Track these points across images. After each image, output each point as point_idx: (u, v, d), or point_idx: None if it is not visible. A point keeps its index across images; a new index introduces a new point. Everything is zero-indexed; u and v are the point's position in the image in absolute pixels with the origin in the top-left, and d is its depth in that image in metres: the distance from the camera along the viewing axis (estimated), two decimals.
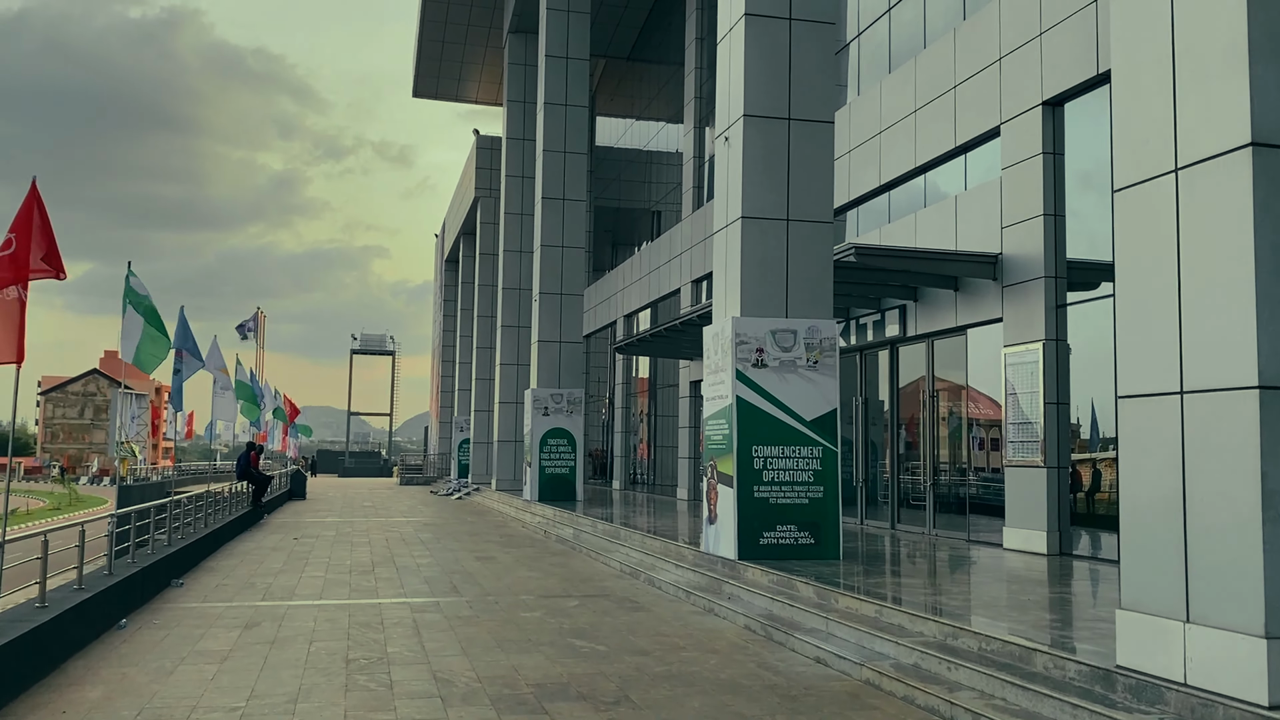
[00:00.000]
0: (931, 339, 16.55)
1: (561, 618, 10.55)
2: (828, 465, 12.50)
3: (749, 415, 12.31)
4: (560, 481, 25.75)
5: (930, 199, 16.84)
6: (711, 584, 11.94)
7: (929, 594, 9.51)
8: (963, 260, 14.62)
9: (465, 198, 45.45)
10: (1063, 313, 13.58)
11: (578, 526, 19.77)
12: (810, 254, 12.84)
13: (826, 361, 12.64)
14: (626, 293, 33.71)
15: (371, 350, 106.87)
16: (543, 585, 13.15)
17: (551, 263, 26.58)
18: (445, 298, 55.42)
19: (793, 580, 10.56)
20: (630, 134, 37.04)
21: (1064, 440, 13.46)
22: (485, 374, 38.48)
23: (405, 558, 16.28)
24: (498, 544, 18.87)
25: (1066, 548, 13.30)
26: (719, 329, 12.86)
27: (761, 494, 12.30)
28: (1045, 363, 13.47)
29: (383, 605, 11.32)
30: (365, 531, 21.39)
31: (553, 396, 26.02)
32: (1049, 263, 13.59)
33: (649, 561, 14.46)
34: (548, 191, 26.71)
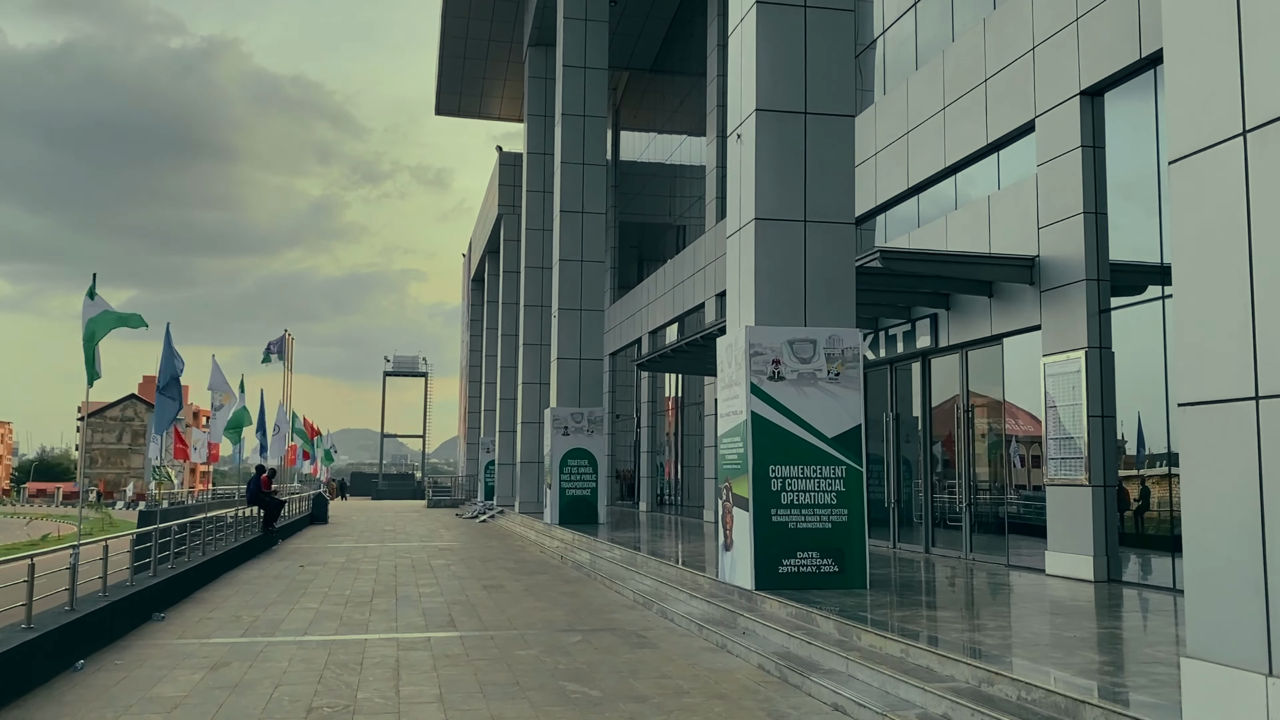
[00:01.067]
0: (965, 350, 15.53)
1: (559, 656, 9.65)
2: (852, 486, 11.53)
3: (765, 432, 11.39)
4: (581, 504, 24.87)
5: (961, 201, 15.85)
6: (726, 617, 10.99)
7: (963, 629, 8.52)
8: (997, 263, 13.62)
9: (490, 215, 44.89)
10: (1106, 318, 12.54)
11: (595, 552, 18.87)
12: (830, 257, 11.92)
13: (849, 373, 11.69)
14: (651, 309, 32.88)
15: (404, 372, 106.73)
16: (547, 618, 12.26)
17: (570, 277, 25.80)
18: (472, 317, 54.85)
19: (812, 614, 9.60)
20: (655, 148, 36.30)
21: (1110, 457, 12.40)
22: (509, 394, 37.72)
23: (409, 587, 15.45)
24: (510, 571, 18.00)
25: (1114, 574, 12.22)
26: (732, 339, 11.96)
27: (780, 518, 11.35)
28: (1088, 373, 12.43)
29: (369, 642, 10.48)
30: (376, 558, 20.61)
31: (573, 416, 25.18)
32: (1090, 264, 12.57)
33: (663, 591, 13.53)
34: (566, 204, 25.95)
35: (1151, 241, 11.96)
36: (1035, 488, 14.02)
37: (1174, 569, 11.36)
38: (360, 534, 28.97)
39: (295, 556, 20.98)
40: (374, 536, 27.81)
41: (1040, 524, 13.71)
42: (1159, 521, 11.87)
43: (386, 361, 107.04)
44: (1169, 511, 11.60)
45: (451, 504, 51.39)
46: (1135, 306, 12.22)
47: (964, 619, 9.19)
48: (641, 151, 38.01)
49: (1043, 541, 13.48)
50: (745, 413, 11.42)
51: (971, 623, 8.93)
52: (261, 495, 23.20)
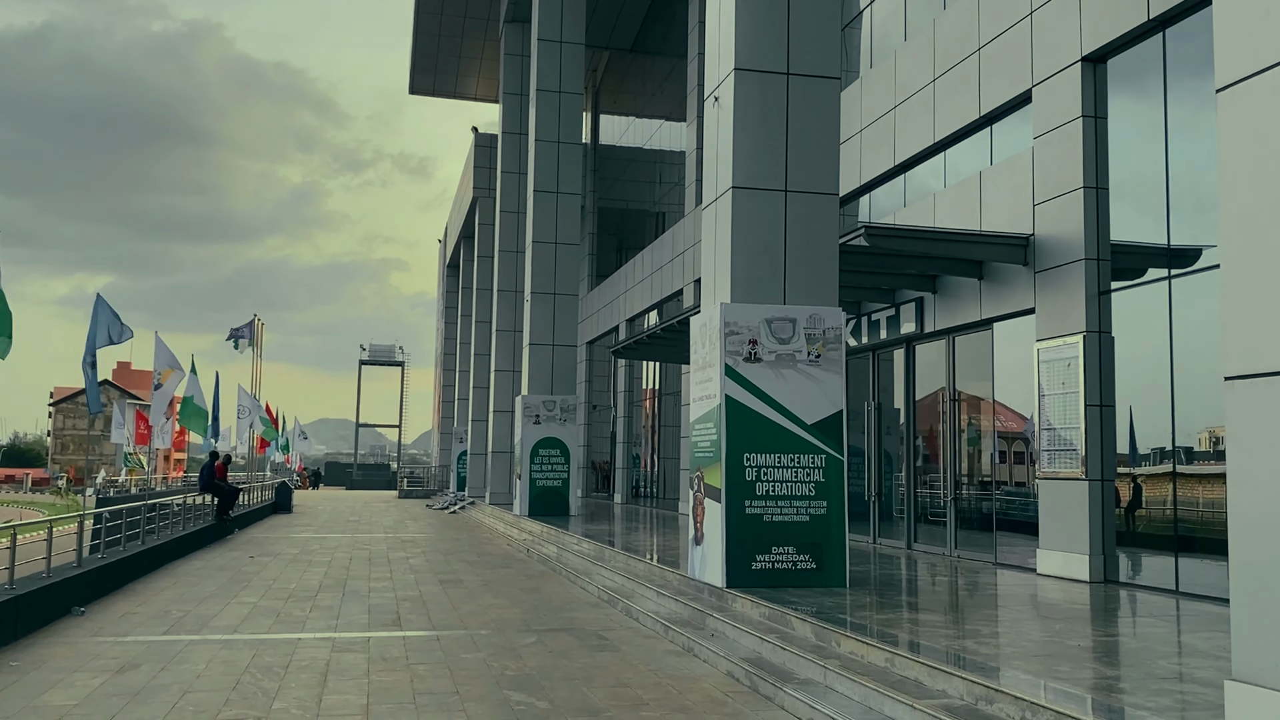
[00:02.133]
0: (952, 335, 14.70)
1: (509, 660, 8.76)
2: (832, 476, 10.68)
3: (740, 417, 10.52)
4: (552, 494, 23.95)
5: (950, 179, 15.01)
6: (694, 617, 10.12)
7: (953, 636, 7.67)
8: (989, 242, 12.78)
9: (465, 199, 43.81)
10: (1106, 301, 11.73)
11: (562, 545, 17.97)
12: (812, 231, 11.04)
13: (831, 355, 10.83)
14: (629, 295, 31.97)
15: (381, 361, 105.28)
16: (503, 616, 11.36)
17: (544, 260, 24.85)
18: (447, 304, 53.76)
19: (787, 615, 8.74)
20: (635, 132, 35.35)
21: (1108, 449, 11.59)
22: (483, 382, 36.72)
23: (360, 581, 14.51)
24: (471, 565, 17.08)
25: (1111, 574, 11.42)
26: (706, 318, 11.08)
27: (754, 510, 10.48)
28: (1086, 359, 11.62)
29: (301, 643, 9.55)
30: (333, 549, 19.65)
31: (545, 404, 24.26)
32: (1090, 243, 11.75)
33: (630, 588, 12.65)
34: (540, 184, 24.98)
35: (1154, 222, 11.15)
36: (1025, 482, 13.23)
37: (1176, 570, 10.56)
38: (323, 524, 27.97)
39: (249, 547, 19.99)
40: (337, 527, 26.83)
41: (1029, 520, 12.92)
42: (1159, 520, 11.07)
43: (363, 350, 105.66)
44: (1170, 509, 10.80)
45: (424, 495, 50.37)
46: (1137, 288, 11.41)
47: (954, 623, 8.35)
48: (621, 135, 37.06)
49: (1032, 539, 12.69)
50: (719, 396, 10.54)
51: (962, 628, 8.08)
52: (215, 482, 22.16)
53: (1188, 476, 10.60)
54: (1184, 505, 10.68)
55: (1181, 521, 10.60)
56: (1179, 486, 10.67)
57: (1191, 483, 10.57)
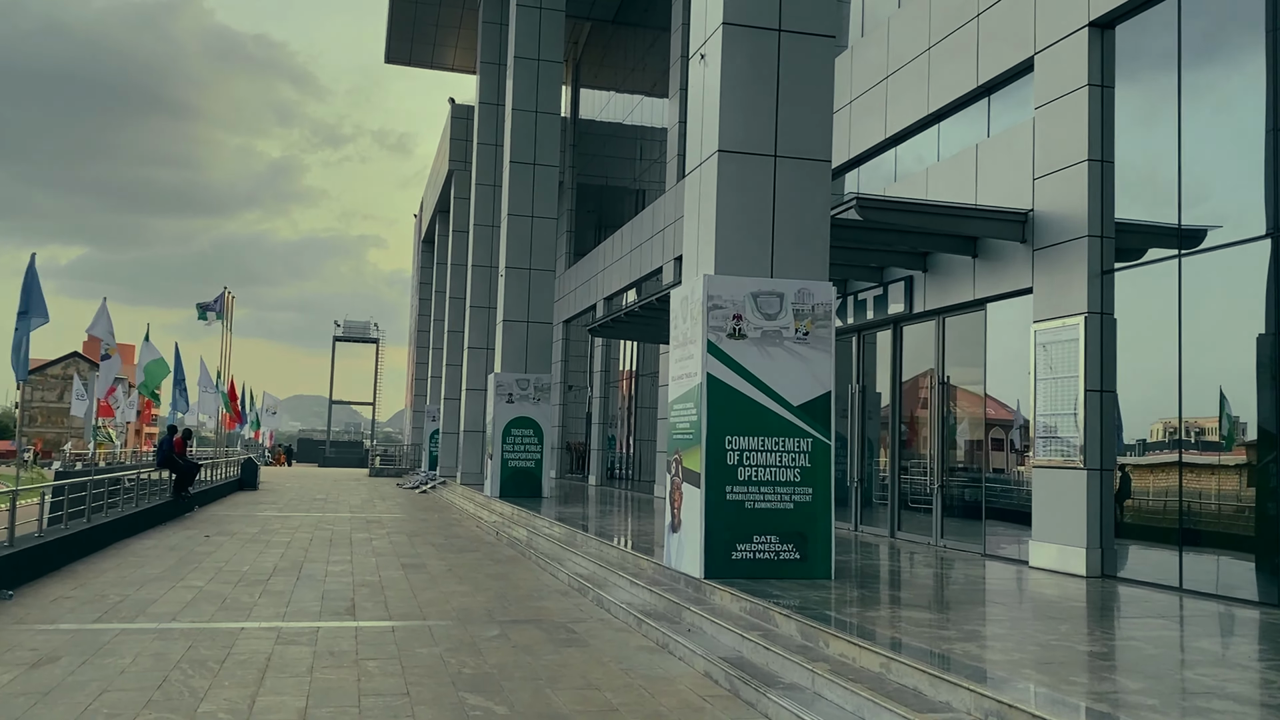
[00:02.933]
0: (943, 316, 14.07)
1: (468, 656, 8.06)
2: (818, 461, 10.02)
3: (722, 397, 9.83)
4: (524, 476, 23.24)
5: (944, 153, 14.35)
6: (670, 609, 9.45)
7: (953, 637, 7.03)
8: (987, 217, 12.12)
9: (440, 172, 42.82)
10: (1110, 280, 11.10)
11: (533, 528, 17.28)
12: (803, 199, 10.34)
13: (820, 333, 10.15)
14: (607, 273, 31.22)
15: (355, 338, 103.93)
16: (466, 605, 10.66)
17: (519, 234, 24.04)
18: (421, 280, 52.76)
19: (770, 611, 8.08)
20: (617, 107, 34.49)
21: (1109, 436, 10.99)
22: (456, 360, 35.88)
23: (318, 564, 13.77)
24: (437, 548, 16.36)
25: (1109, 568, 10.84)
26: (688, 291, 10.37)
27: (736, 496, 9.81)
28: (1087, 341, 11.00)
29: (244, 632, 8.82)
30: (294, 529, 18.88)
31: (518, 382, 23.51)
32: (1094, 219, 11.11)
33: (602, 575, 11.98)
34: (516, 155, 24.14)
35: (1162, 199, 10.52)
36: (1018, 470, 12.64)
37: (1180, 566, 9.97)
38: (288, 502, 27.16)
39: (206, 525, 19.19)
40: (302, 505, 26.03)
41: (1019, 509, 12.35)
42: (1161, 512, 10.49)
43: (337, 326, 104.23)
44: (1174, 500, 10.22)
45: (396, 473, 49.55)
46: (1144, 267, 10.78)
47: (951, 622, 7.71)
48: (601, 109, 36.20)
49: (1023, 529, 12.13)
50: (700, 375, 9.85)
51: (961, 628, 7.45)
52: (173, 458, 21.29)
53: (1195, 466, 10.01)
54: (1188, 497, 10.10)
55: (1188, 514, 10.01)
56: (1186, 478, 10.08)
57: (1199, 473, 9.98)
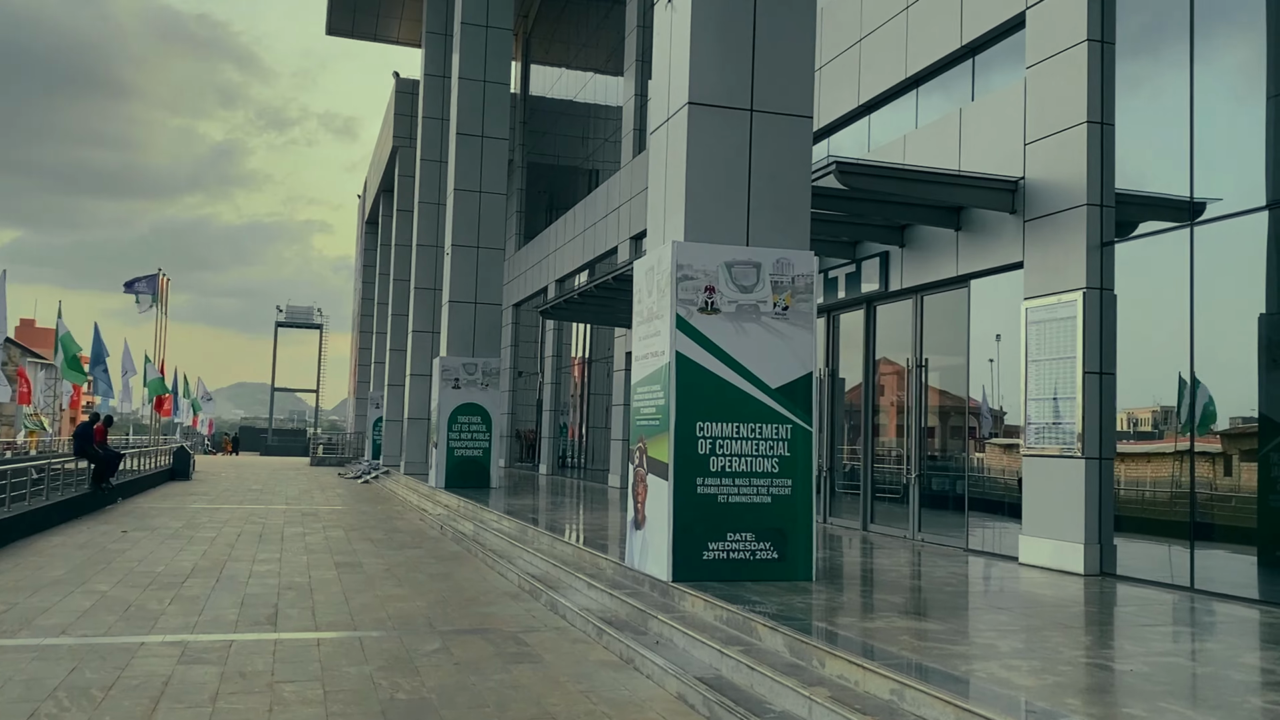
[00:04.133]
0: (920, 294, 13.16)
1: (402, 676, 6.95)
2: (799, 450, 9.03)
3: (693, 379, 8.79)
4: (471, 465, 22.06)
5: (924, 120, 13.42)
6: (634, 617, 8.41)
7: (967, 652, 6.07)
8: (976, 185, 11.20)
9: (385, 149, 41.29)
10: (1110, 254, 10.23)
11: (481, 521, 16.16)
12: (782, 159, 9.32)
13: (800, 308, 9.15)
14: (559, 254, 30.06)
15: (298, 324, 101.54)
16: (404, 611, 9.53)
17: (466, 210, 22.79)
18: (365, 262, 51.11)
19: (751, 621, 7.07)
20: (568, 84, 33.26)
21: (1109, 422, 10.13)
22: (400, 344, 34.51)
23: (242, 563, 12.54)
24: (376, 544, 15.18)
25: (1108, 566, 9.99)
26: (654, 261, 9.31)
27: (708, 489, 8.79)
28: (1086, 319, 10.12)
29: (143, 649, 7.62)
30: (223, 523, 17.56)
31: (465, 366, 22.30)
32: (1094, 187, 10.22)
33: (556, 576, 10.91)
34: (464, 126, 22.88)
35: (1165, 168, 9.66)
36: (1004, 460, 11.78)
37: (1192, 564, 9.13)
38: (221, 493, 25.71)
39: (127, 519, 17.80)
40: (236, 496, 24.61)
41: (1004, 501, 11.53)
42: (1164, 504, 9.66)
43: (279, 311, 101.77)
44: (1180, 491, 9.39)
45: (338, 462, 47.99)
46: (1150, 238, 9.92)
47: (959, 634, 6.76)
48: (552, 86, 34.94)
49: (1007, 521, 11.30)
50: (668, 354, 8.80)
51: (973, 641, 6.49)
52: (91, 447, 19.82)
53: (1207, 455, 9.18)
54: (1169, 488, 9.27)
55: (1199, 506, 9.17)
56: (1197, 467, 9.24)
57: (1210, 462, 9.15)
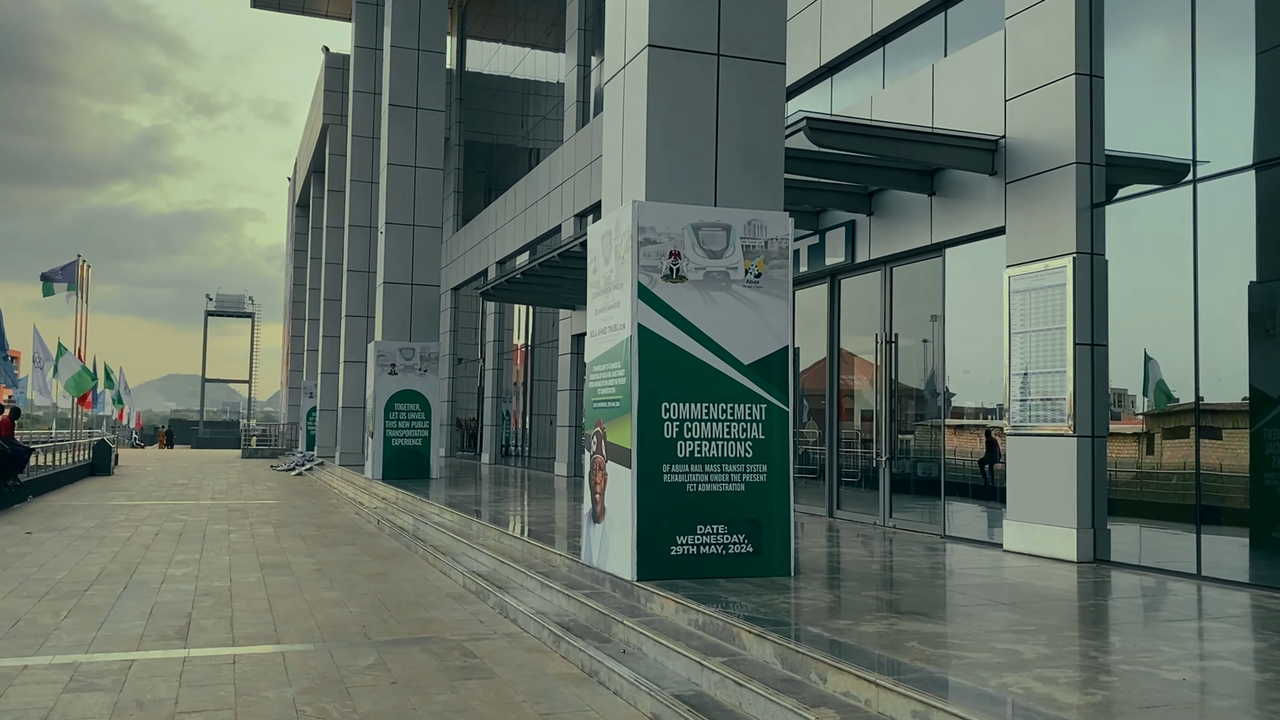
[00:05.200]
0: (889, 265, 12.39)
1: (331, 701, 5.96)
2: (775, 433, 8.16)
3: (657, 355, 7.87)
4: (409, 455, 20.95)
5: (890, 80, 12.62)
6: (596, 621, 7.49)
7: (990, 660, 5.24)
8: (955, 144, 10.40)
9: (315, 128, 39.71)
10: (1100, 216, 9.51)
11: (420, 514, 15.11)
12: (753, 109, 8.42)
13: (775, 275, 8.27)
14: (499, 235, 28.93)
15: (228, 313, 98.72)
16: (335, 619, 8.50)
17: (401, 186, 21.59)
18: (296, 247, 49.37)
19: (733, 627, 6.19)
20: (505, 60, 32.05)
21: (1101, 398, 9.43)
22: (333, 330, 33.13)
23: (157, 566, 11.38)
24: (308, 541, 14.06)
25: (1102, 552, 9.29)
26: (611, 224, 8.36)
27: (675, 477, 7.89)
28: (1076, 287, 9.38)
29: (25, 673, 6.52)
30: (140, 521, 16.28)
31: (402, 351, 21.16)
32: (1083, 144, 9.48)
33: (504, 574, 9.94)
34: (397, 98, 21.65)
35: (1146, 129, 8.95)
36: (985, 441, 11.07)
37: (1199, 550, 8.44)
38: (144, 489, 24.26)
39: (33, 519, 16.43)
40: (158, 492, 23.20)
41: (980, 485, 10.83)
42: (1161, 485, 8.99)
43: (209, 300, 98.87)
44: (1191, 472, 8.71)
45: (271, 454, 46.36)
46: (1148, 197, 9.20)
47: (972, 637, 5.93)
48: (489, 61, 33.68)
49: (983, 506, 10.62)
50: (629, 327, 7.87)
51: (990, 645, 5.66)
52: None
53: (1213, 430, 8.50)
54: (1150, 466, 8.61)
55: (1203, 486, 8.49)
56: (1203, 448, 8.55)
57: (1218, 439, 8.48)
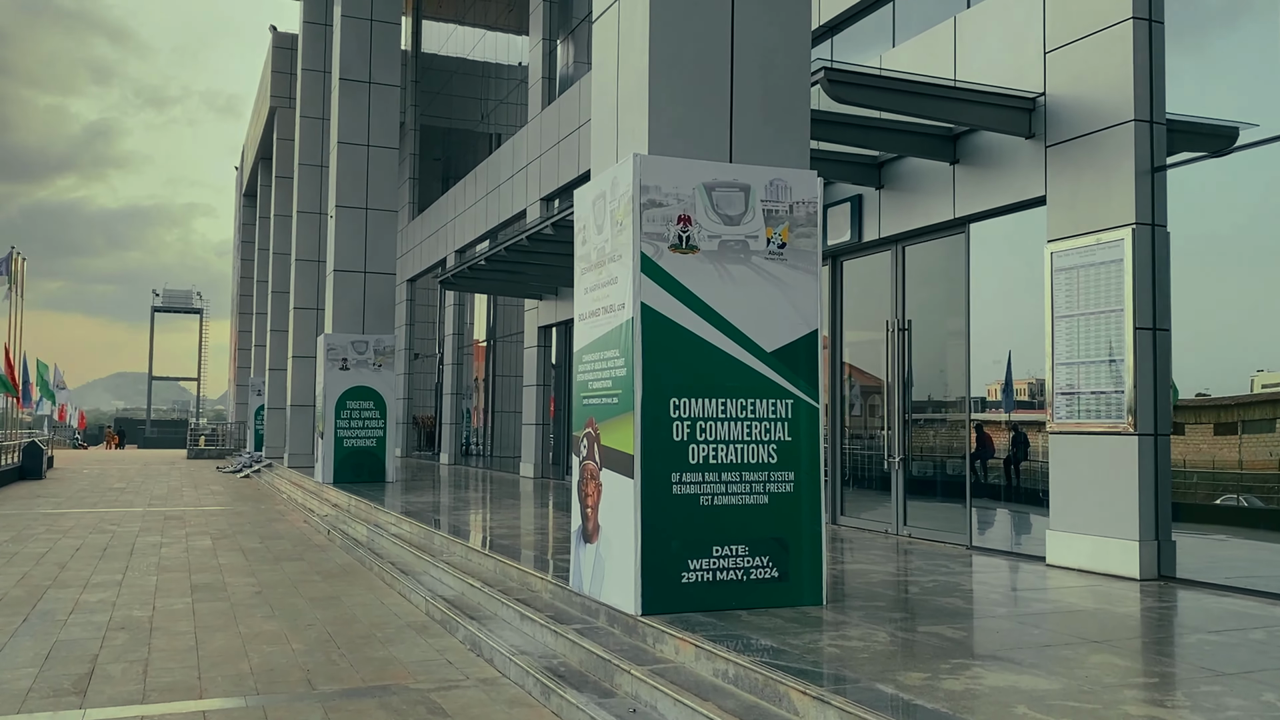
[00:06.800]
0: (901, 244, 11.14)
1: None
2: (804, 433, 6.83)
3: (665, 341, 6.51)
4: (363, 457, 19.40)
5: (903, 36, 11.35)
6: (593, 667, 6.11)
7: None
8: (990, 101, 9.13)
9: (262, 113, 37.84)
10: (1162, 181, 8.29)
11: (376, 523, 13.63)
12: (773, 48, 7.08)
13: (801, 246, 6.94)
14: (460, 222, 27.41)
15: (176, 308, 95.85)
16: (274, 661, 7.05)
17: (353, 166, 20.01)
18: (244, 238, 47.35)
19: (777, 683, 4.85)
20: (464, 39, 30.48)
21: (1164, 391, 8.21)
22: (281, 324, 31.40)
23: (69, 589, 9.82)
24: (250, 555, 12.54)
25: (1167, 567, 8.08)
26: (605, 185, 6.98)
27: (687, 488, 6.53)
28: (1136, 262, 8.16)
29: None
30: (62, 532, 14.63)
31: (354, 345, 19.59)
32: (1142, 98, 8.25)
33: (474, 599, 8.53)
34: (348, 71, 20.06)
35: (1226, 89, 7.76)
36: (1016, 438, 9.84)
37: None
38: (75, 494, 22.46)
39: None
40: (91, 498, 21.43)
41: (1004, 487, 9.63)
42: (1227, 485, 7.81)
43: (156, 296, 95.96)
44: (1242, 471, 7.54)
45: (219, 455, 44.37)
46: (1215, 160, 7.99)
47: (1083, 689, 4.64)
48: (445, 42, 32.09)
49: (1015, 511, 9.39)
50: (630, 307, 6.49)
51: (1120, 708, 4.37)
52: None
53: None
54: None
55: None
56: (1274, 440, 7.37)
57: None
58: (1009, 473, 10.06)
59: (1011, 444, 9.96)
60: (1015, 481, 9.98)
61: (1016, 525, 10.02)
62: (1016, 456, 9.95)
